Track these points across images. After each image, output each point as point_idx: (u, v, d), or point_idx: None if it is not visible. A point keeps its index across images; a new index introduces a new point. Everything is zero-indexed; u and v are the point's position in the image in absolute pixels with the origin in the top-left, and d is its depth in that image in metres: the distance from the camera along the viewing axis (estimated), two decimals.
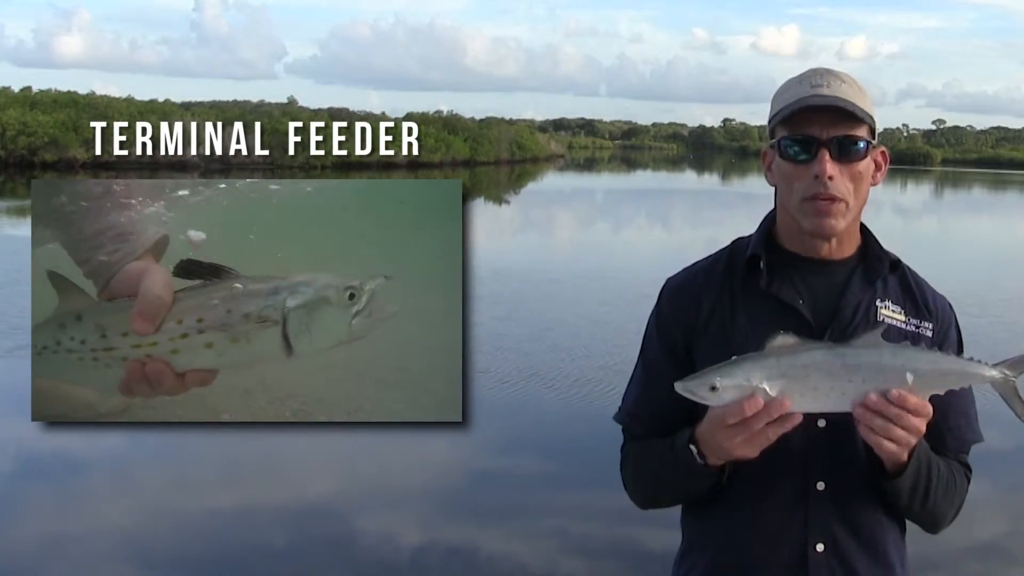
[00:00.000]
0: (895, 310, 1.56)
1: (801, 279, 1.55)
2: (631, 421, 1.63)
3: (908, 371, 1.37)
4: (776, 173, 1.56)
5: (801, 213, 1.51)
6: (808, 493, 1.50)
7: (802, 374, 1.35)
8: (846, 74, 1.55)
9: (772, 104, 1.58)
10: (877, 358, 1.37)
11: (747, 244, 1.61)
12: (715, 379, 1.36)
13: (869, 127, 1.52)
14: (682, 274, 1.65)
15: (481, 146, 55.22)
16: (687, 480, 1.49)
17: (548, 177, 54.81)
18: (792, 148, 1.50)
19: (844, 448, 1.49)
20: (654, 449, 1.55)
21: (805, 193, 1.49)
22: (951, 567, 4.75)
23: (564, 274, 13.58)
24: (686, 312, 1.57)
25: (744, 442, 1.37)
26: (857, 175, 1.50)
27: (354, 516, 5.21)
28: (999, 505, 5.66)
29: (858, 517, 1.53)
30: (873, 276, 1.57)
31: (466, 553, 4.73)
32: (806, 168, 1.49)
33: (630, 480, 1.63)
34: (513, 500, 5.42)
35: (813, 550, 1.51)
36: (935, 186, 60.12)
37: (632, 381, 1.65)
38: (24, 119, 38.45)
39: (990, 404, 1.68)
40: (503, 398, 7.08)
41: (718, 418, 1.38)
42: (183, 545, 4.73)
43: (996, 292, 13.12)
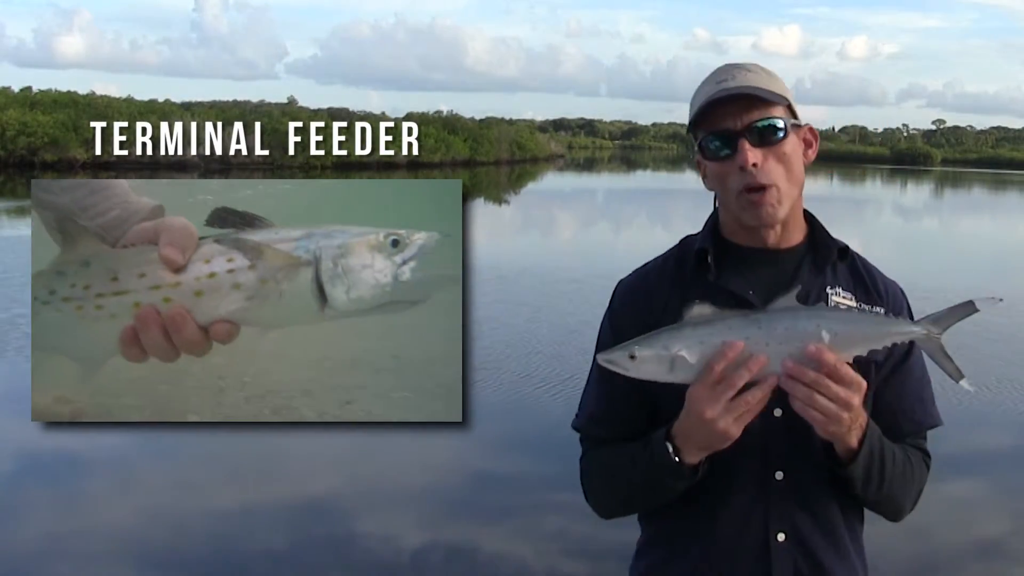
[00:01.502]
0: (846, 296, 1.56)
1: (750, 270, 1.55)
2: (592, 424, 1.61)
3: (824, 331, 1.36)
4: (710, 175, 1.56)
5: (739, 208, 1.51)
6: (768, 483, 1.51)
7: (718, 341, 1.35)
8: (753, 64, 1.55)
9: (689, 109, 1.58)
10: (792, 321, 1.37)
11: (695, 240, 1.62)
12: (634, 348, 1.38)
13: (787, 108, 1.52)
14: (633, 275, 1.66)
15: (481, 146, 55.22)
16: (663, 481, 1.47)
17: (548, 177, 54.79)
18: (713, 145, 1.51)
19: (801, 437, 1.48)
20: (624, 453, 1.53)
21: (737, 187, 1.49)
22: (952, 567, 4.75)
23: (564, 274, 13.57)
24: (640, 310, 1.57)
25: (727, 409, 1.34)
26: (783, 157, 1.49)
27: (354, 516, 5.20)
28: (999, 505, 5.66)
29: (818, 506, 1.53)
30: (822, 263, 1.57)
31: (466, 553, 4.73)
32: (731, 162, 1.49)
33: (597, 488, 1.61)
34: (513, 500, 5.42)
35: (775, 539, 1.51)
36: (935, 186, 60.09)
37: (589, 386, 1.64)
38: (24, 119, 38.45)
39: (990, 404, 1.68)
40: (503, 398, 7.08)
41: (699, 383, 1.36)
42: (183, 545, 4.73)
43: (996, 292, 13.10)
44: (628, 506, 1.61)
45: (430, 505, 5.37)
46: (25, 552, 4.64)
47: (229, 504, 5.34)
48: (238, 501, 5.38)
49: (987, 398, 7.44)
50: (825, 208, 9.76)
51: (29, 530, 4.94)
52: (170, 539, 4.81)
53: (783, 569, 1.51)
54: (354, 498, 5.51)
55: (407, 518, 5.14)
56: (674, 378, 1.38)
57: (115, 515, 5.19)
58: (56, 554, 4.62)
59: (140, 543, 4.77)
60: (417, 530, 4.98)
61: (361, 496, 5.55)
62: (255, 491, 5.53)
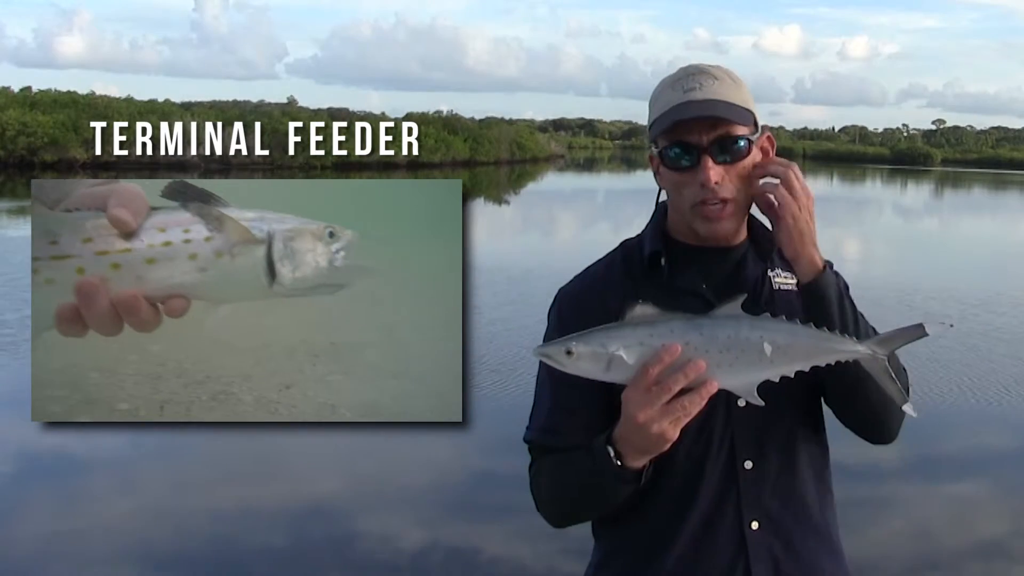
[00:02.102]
0: (786, 275, 1.57)
1: (700, 267, 1.56)
2: (547, 436, 1.56)
3: (766, 342, 1.35)
4: (664, 179, 1.56)
5: (693, 217, 1.51)
6: (737, 474, 1.50)
7: (658, 343, 1.33)
8: (719, 68, 1.53)
9: (650, 108, 1.56)
10: (735, 330, 1.35)
11: (640, 242, 1.62)
12: (571, 344, 1.35)
13: (752, 117, 1.51)
14: (576, 282, 1.64)
15: (481, 146, 55.20)
16: (606, 486, 1.43)
17: (548, 177, 54.79)
18: (674, 154, 1.50)
19: (766, 424, 1.49)
20: (570, 459, 1.50)
21: (694, 199, 1.49)
22: (952, 567, 4.75)
23: (565, 274, 13.53)
24: (590, 316, 1.51)
25: (662, 413, 1.32)
26: (743, 172, 1.49)
27: (354, 516, 5.21)
28: (1000, 505, 5.66)
29: (788, 490, 1.53)
30: (764, 252, 1.58)
31: (467, 553, 4.73)
32: (691, 175, 1.48)
33: (545, 496, 1.57)
34: (514, 500, 5.41)
35: (749, 528, 1.51)
36: (935, 186, 60.09)
37: (540, 398, 1.60)
38: (24, 119, 38.43)
39: (991, 405, 1.68)
40: (503, 398, 7.07)
41: (633, 386, 1.34)
42: (184, 545, 4.73)
43: (996, 292, 13.11)
44: (577, 514, 1.58)
45: (430, 505, 5.37)
46: (25, 552, 4.64)
47: (229, 504, 5.34)
48: (238, 501, 5.38)
49: (986, 399, 7.44)
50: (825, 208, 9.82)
51: (29, 530, 4.94)
52: (170, 539, 4.81)
53: (760, 557, 1.51)
54: (354, 498, 5.51)
55: (407, 518, 5.14)
56: (610, 377, 1.35)
57: (115, 515, 5.19)
58: (56, 554, 4.62)
59: (140, 543, 4.77)
60: (417, 530, 4.98)
61: (361, 496, 5.55)
62: (255, 491, 5.53)
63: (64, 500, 5.34)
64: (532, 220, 26.31)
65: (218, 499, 5.42)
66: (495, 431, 6.25)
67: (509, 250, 16.34)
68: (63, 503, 5.31)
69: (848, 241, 19.63)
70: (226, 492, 5.54)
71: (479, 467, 5.83)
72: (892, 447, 1.60)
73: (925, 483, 5.96)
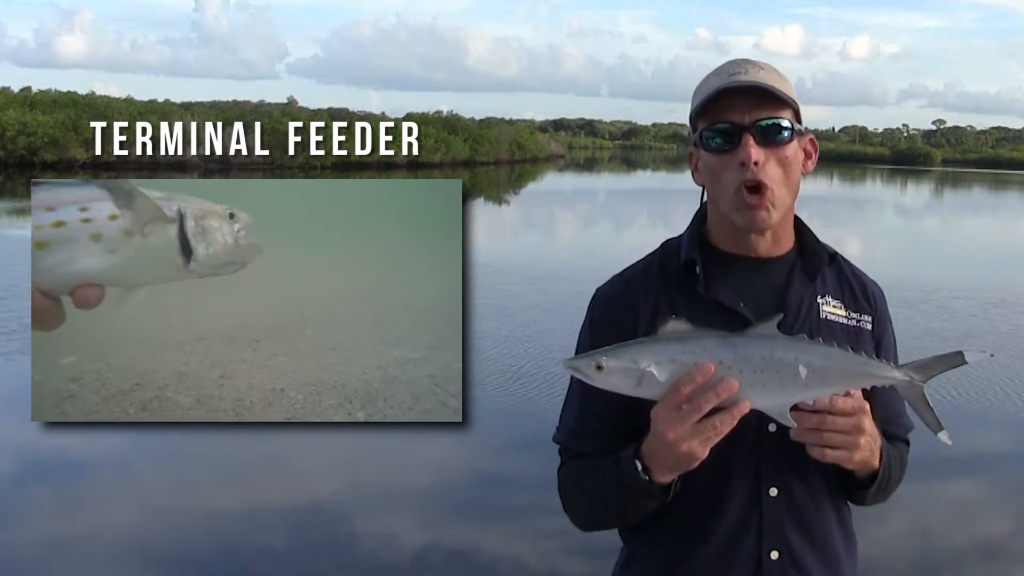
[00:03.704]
0: (836, 305, 1.52)
1: (739, 280, 1.50)
2: (573, 439, 1.54)
3: (801, 364, 1.33)
4: (703, 170, 1.50)
5: (732, 208, 1.45)
6: (761, 500, 1.47)
7: (691, 360, 1.30)
8: (764, 62, 1.50)
9: (692, 100, 1.52)
10: (769, 350, 1.32)
11: (678, 246, 1.55)
12: (602, 359, 1.32)
13: (794, 111, 1.47)
14: (613, 282, 1.58)
15: (481, 146, 55.18)
16: (632, 499, 1.42)
17: (548, 177, 54.76)
18: (715, 138, 1.45)
19: (795, 453, 1.43)
20: (597, 468, 1.47)
21: (734, 183, 1.43)
22: (953, 567, 4.75)
23: (565, 274, 13.56)
24: (622, 321, 1.49)
25: (692, 432, 1.29)
26: (784, 160, 1.44)
27: (355, 516, 5.20)
28: (1001, 505, 5.66)
29: (810, 521, 1.50)
30: (813, 271, 1.53)
31: (467, 554, 4.73)
32: (731, 156, 1.43)
33: (571, 502, 1.55)
34: (514, 500, 5.41)
35: (768, 558, 1.47)
36: (935, 186, 60.07)
37: (569, 399, 1.58)
38: (24, 119, 38.42)
39: (989, 405, 1.68)
40: (503, 398, 7.07)
41: (663, 404, 1.31)
42: (184, 546, 4.73)
43: (997, 292, 13.11)
44: (603, 521, 1.55)
45: (430, 505, 5.36)
46: (25, 552, 4.64)
47: (229, 504, 5.34)
48: (238, 501, 5.37)
49: (986, 399, 7.43)
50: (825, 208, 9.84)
51: (29, 530, 4.94)
52: (170, 539, 4.80)
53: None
54: (354, 498, 5.51)
55: (407, 518, 5.14)
56: (640, 393, 1.33)
57: (115, 515, 5.18)
58: (56, 554, 4.62)
59: (140, 544, 4.76)
60: (417, 530, 4.97)
61: (361, 496, 5.54)
62: (255, 491, 5.53)
63: (64, 500, 5.34)
64: (532, 220, 26.30)
65: (218, 499, 5.42)
66: (495, 431, 6.30)
67: (509, 250, 16.34)
68: (63, 503, 5.30)
69: (849, 241, 19.62)
70: (226, 492, 5.53)
71: (479, 467, 5.83)
72: None
73: (925, 483, 5.95)
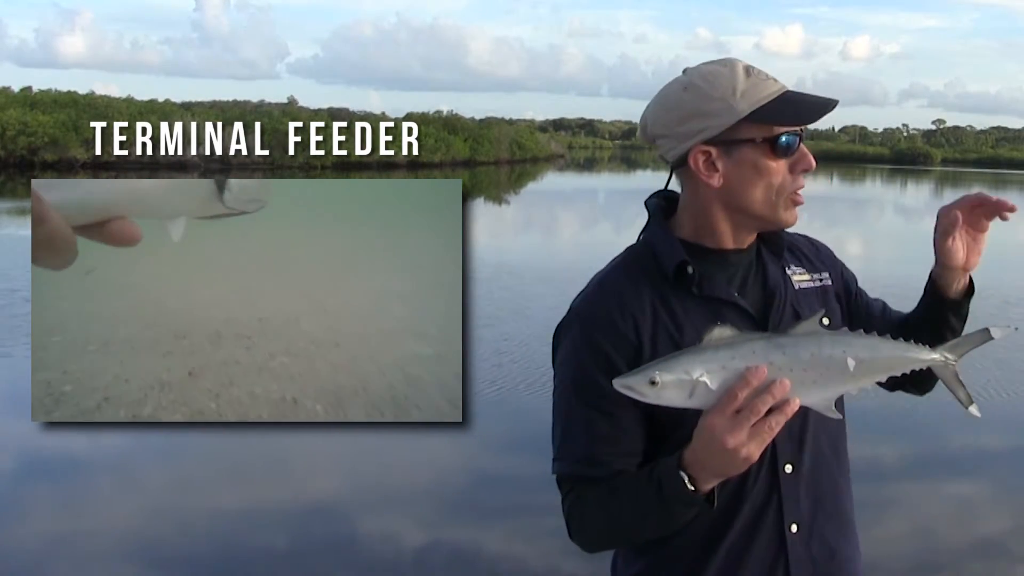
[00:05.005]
0: (801, 273, 1.60)
1: (723, 271, 1.54)
2: (588, 467, 1.48)
3: (850, 357, 1.35)
4: (745, 170, 1.48)
5: (783, 208, 1.50)
6: (779, 478, 1.51)
7: (741, 366, 1.30)
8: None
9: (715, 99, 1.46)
10: (817, 347, 1.34)
11: (650, 250, 1.55)
12: (654, 373, 1.30)
13: None
14: (597, 299, 1.53)
15: (481, 146, 55.20)
16: (674, 511, 1.39)
17: (548, 177, 54.76)
18: (791, 142, 1.47)
19: (804, 428, 1.52)
20: (624, 487, 1.44)
21: (793, 187, 1.49)
22: (953, 567, 4.75)
23: (565, 273, 13.57)
24: (624, 337, 1.47)
25: (750, 436, 1.29)
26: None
27: (355, 516, 5.20)
28: (1001, 505, 5.66)
29: (823, 492, 1.56)
30: (777, 250, 1.60)
31: (468, 553, 4.73)
32: (793, 161, 1.49)
33: (589, 527, 1.50)
34: (514, 500, 5.42)
35: (789, 531, 1.52)
36: (935, 186, 60.06)
37: (570, 427, 1.50)
38: (24, 119, 38.44)
39: (991, 405, 1.68)
40: (503, 398, 7.07)
41: (719, 412, 1.30)
42: (184, 546, 4.73)
43: (997, 292, 13.10)
44: (628, 541, 1.55)
45: (430, 505, 5.36)
46: (25, 552, 4.64)
47: (229, 504, 5.34)
48: (238, 501, 5.37)
49: (985, 399, 7.43)
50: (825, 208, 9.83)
51: (29, 530, 4.94)
52: (170, 540, 4.81)
53: (799, 559, 1.52)
54: (355, 498, 5.51)
55: (407, 518, 5.14)
56: (692, 404, 1.32)
57: (115, 515, 5.18)
58: (56, 554, 4.62)
59: (140, 544, 4.77)
60: (418, 530, 4.98)
61: (362, 496, 5.55)
62: (255, 491, 5.53)
63: (64, 500, 5.34)
64: (532, 220, 26.31)
65: (219, 499, 5.42)
66: (495, 431, 6.30)
67: (509, 250, 16.34)
68: (63, 503, 5.30)
69: (850, 240, 19.62)
70: (226, 492, 5.54)
71: (479, 467, 5.83)
72: (892, 447, 1.61)
73: (926, 483, 5.96)
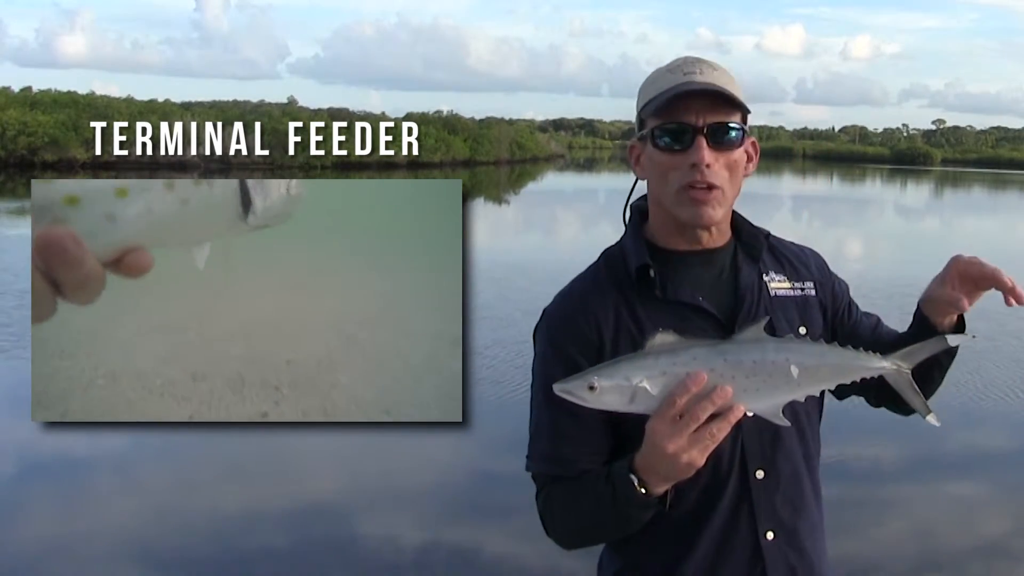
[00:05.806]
0: (781, 280, 1.57)
1: (691, 275, 1.53)
2: (553, 465, 1.53)
3: (793, 364, 1.34)
4: (648, 166, 1.52)
5: (678, 204, 1.48)
6: (750, 484, 1.50)
7: (682, 372, 1.30)
8: (716, 62, 1.52)
9: (641, 94, 1.54)
10: (760, 354, 1.33)
11: (622, 253, 1.58)
12: (593, 379, 1.31)
13: (743, 115, 1.49)
14: (564, 303, 1.58)
15: (481, 146, 55.23)
16: (629, 513, 1.41)
17: (548, 177, 54.78)
18: (666, 137, 1.47)
19: (775, 434, 1.49)
20: (585, 487, 1.46)
21: (681, 182, 1.46)
22: (954, 567, 4.75)
23: (565, 274, 13.54)
24: (586, 338, 1.49)
25: (691, 442, 1.29)
26: (733, 163, 1.48)
27: (355, 516, 5.20)
28: (1001, 505, 5.66)
29: (796, 498, 1.54)
30: (755, 254, 1.57)
31: (468, 553, 4.73)
32: (682, 156, 1.45)
33: (559, 524, 1.55)
34: (514, 500, 5.41)
35: (764, 539, 1.51)
36: (935, 186, 60.07)
37: (540, 426, 1.56)
38: (24, 119, 38.47)
39: (991, 405, 1.68)
40: (503, 398, 7.07)
41: (659, 417, 1.31)
42: (184, 546, 4.73)
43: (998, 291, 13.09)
44: (596, 538, 1.57)
45: (430, 505, 5.37)
46: (25, 552, 4.64)
47: (229, 504, 5.34)
48: (238, 501, 5.38)
49: (986, 398, 7.43)
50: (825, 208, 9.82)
51: (29, 530, 4.94)
52: (171, 540, 4.81)
53: (776, 566, 1.51)
54: (355, 498, 5.51)
55: (408, 518, 5.14)
56: (634, 409, 1.32)
57: (115, 515, 5.19)
58: (56, 554, 4.62)
59: (140, 544, 4.77)
60: (418, 530, 4.98)
61: (362, 496, 5.55)
62: (256, 491, 5.53)
63: (64, 500, 5.34)
64: (532, 220, 26.31)
65: (219, 499, 5.42)
66: (495, 431, 6.29)
67: (509, 250, 16.34)
68: (63, 503, 5.30)
69: (850, 240, 19.63)
70: (226, 492, 5.54)
71: (479, 467, 5.83)
72: (892, 447, 1.60)
73: (926, 483, 5.96)
